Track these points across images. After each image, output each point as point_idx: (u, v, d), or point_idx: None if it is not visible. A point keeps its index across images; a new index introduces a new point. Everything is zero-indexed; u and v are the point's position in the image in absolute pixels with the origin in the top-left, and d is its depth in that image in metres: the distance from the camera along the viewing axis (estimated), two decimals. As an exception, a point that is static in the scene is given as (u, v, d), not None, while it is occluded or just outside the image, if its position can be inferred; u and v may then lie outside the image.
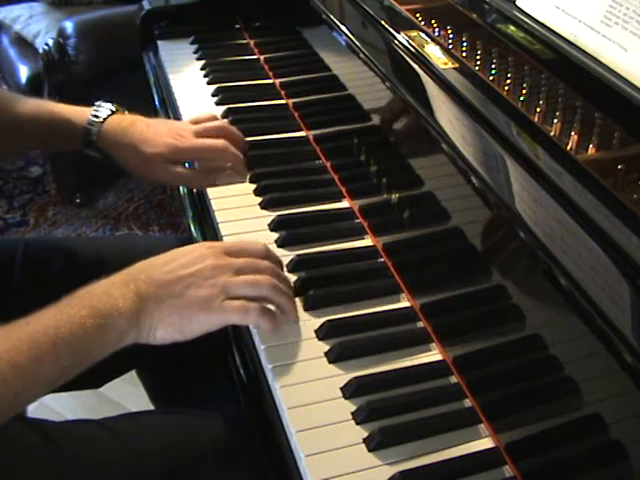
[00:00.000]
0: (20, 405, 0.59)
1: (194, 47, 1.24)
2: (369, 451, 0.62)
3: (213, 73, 1.16)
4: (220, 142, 0.91)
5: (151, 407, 1.16)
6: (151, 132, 0.89)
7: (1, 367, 0.56)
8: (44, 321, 0.60)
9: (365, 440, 0.62)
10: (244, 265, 0.70)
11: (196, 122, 0.94)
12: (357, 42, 0.91)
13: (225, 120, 1.00)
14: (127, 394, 1.49)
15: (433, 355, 0.71)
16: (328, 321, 0.73)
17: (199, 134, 0.91)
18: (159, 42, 1.24)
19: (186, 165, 0.93)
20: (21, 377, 0.57)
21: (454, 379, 0.68)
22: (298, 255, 0.80)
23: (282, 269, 0.76)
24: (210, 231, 0.88)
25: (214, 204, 0.90)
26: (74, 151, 0.92)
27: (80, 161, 2.03)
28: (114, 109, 0.92)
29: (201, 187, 0.93)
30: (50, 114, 0.91)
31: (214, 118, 0.97)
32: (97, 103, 0.92)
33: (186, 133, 0.91)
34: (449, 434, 0.63)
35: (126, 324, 0.64)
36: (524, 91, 0.71)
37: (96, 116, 0.90)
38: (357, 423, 0.64)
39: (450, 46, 0.82)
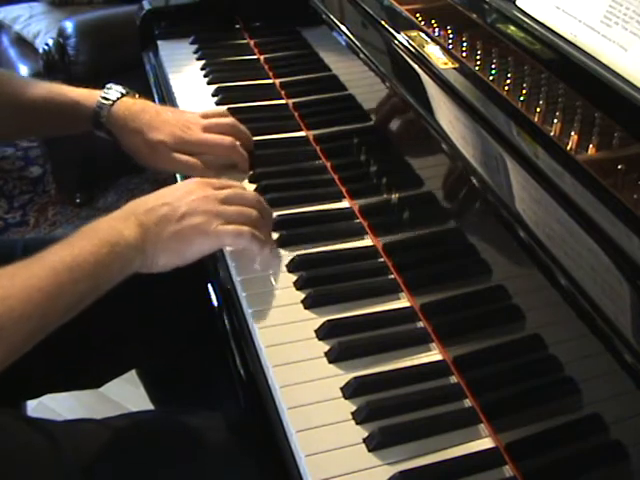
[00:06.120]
0: (46, 327, 0.62)
1: (194, 47, 1.23)
2: (369, 451, 0.61)
3: (213, 73, 1.16)
4: (227, 140, 0.91)
5: (151, 407, 1.16)
6: (159, 120, 0.89)
7: (28, 289, 0.60)
8: (59, 252, 0.64)
9: (365, 440, 0.62)
10: (230, 194, 0.76)
11: (206, 116, 0.94)
12: (357, 42, 0.91)
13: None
14: (127, 394, 1.49)
15: (433, 355, 0.71)
16: (328, 321, 0.72)
17: (207, 129, 0.91)
18: (159, 42, 1.23)
19: None
20: (45, 300, 0.61)
21: (454, 379, 0.68)
22: (298, 255, 0.80)
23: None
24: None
25: (214, 204, 0.89)
26: (84, 133, 0.93)
27: (80, 161, 2.04)
28: (124, 92, 0.92)
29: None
30: (60, 96, 0.92)
31: (225, 114, 0.96)
32: (108, 85, 0.92)
33: (194, 126, 0.90)
34: (449, 434, 0.63)
35: (132, 251, 0.68)
36: (524, 91, 0.71)
37: (106, 98, 0.91)
38: (357, 423, 0.64)
39: (450, 46, 0.82)
